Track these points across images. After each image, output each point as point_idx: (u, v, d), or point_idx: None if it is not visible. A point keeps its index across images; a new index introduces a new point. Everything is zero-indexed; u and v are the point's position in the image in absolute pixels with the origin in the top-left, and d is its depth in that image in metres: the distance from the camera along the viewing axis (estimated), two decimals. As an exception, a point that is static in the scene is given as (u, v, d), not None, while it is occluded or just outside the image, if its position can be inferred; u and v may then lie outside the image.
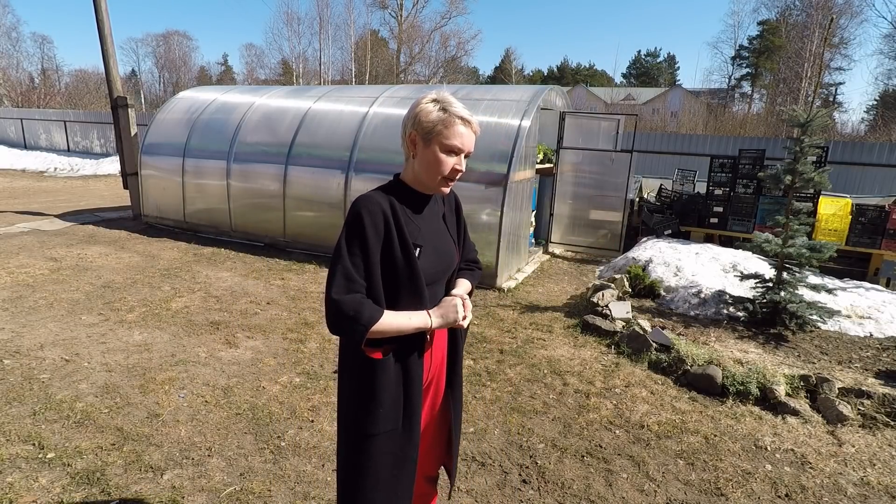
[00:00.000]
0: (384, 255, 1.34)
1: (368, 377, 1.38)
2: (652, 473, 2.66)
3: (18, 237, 7.10)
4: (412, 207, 1.43)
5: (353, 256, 1.31)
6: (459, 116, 1.34)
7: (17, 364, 3.51)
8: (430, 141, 1.35)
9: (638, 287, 5.30)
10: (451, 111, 1.33)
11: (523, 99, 6.15)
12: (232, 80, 51.51)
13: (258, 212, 7.16)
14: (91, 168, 16.12)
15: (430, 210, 1.48)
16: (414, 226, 1.41)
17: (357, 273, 1.31)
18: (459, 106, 1.35)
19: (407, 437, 1.43)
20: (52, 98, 30.72)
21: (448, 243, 1.52)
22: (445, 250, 1.50)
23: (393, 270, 1.35)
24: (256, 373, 3.56)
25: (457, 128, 1.34)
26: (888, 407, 3.20)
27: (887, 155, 10.22)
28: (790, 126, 11.89)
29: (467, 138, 1.36)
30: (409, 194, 1.43)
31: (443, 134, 1.34)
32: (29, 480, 2.40)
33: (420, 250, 1.39)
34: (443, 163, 1.36)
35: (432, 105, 1.34)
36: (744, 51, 43.45)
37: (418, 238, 1.40)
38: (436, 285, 1.48)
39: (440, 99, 1.35)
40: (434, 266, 1.44)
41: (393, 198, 1.39)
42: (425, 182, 1.41)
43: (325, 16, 37.46)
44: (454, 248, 1.55)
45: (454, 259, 1.54)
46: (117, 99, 8.50)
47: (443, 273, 1.50)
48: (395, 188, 1.43)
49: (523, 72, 51.32)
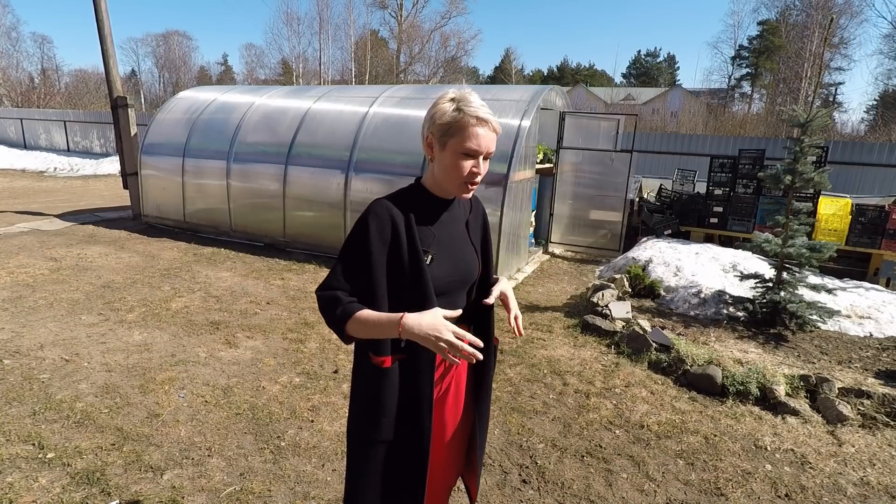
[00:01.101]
0: (391, 261, 1.31)
1: (374, 384, 1.36)
2: (652, 473, 2.66)
3: (18, 237, 7.10)
4: (429, 212, 1.37)
5: (348, 261, 1.31)
6: (475, 116, 1.26)
7: (17, 364, 3.51)
8: (445, 143, 1.29)
9: (638, 287, 5.30)
10: (467, 111, 1.26)
11: (523, 99, 6.16)
12: (232, 80, 51.50)
13: (258, 212, 7.17)
14: (91, 168, 16.12)
15: (450, 216, 1.42)
16: (428, 232, 1.36)
17: (346, 275, 1.30)
18: (477, 104, 1.27)
19: (415, 448, 1.37)
20: (52, 98, 30.70)
21: (468, 251, 1.45)
22: (463, 258, 1.43)
23: (400, 277, 1.31)
24: (256, 373, 3.56)
25: (473, 129, 1.26)
26: (888, 407, 3.20)
27: (887, 155, 10.22)
28: (790, 126, 11.89)
29: (485, 139, 1.28)
30: (427, 199, 1.38)
31: (458, 136, 1.27)
32: (29, 480, 2.40)
33: (432, 257, 1.34)
34: (460, 166, 1.29)
35: (449, 105, 1.28)
36: (744, 51, 43.47)
37: (431, 245, 1.35)
38: (451, 295, 1.41)
39: (457, 97, 1.28)
40: (450, 275, 1.38)
41: (408, 202, 1.35)
42: (444, 186, 1.35)
43: (325, 16, 37.50)
44: (475, 257, 1.47)
45: (474, 268, 1.46)
46: (117, 99, 8.50)
47: (460, 283, 1.43)
48: (414, 192, 1.39)
49: (523, 72, 51.34)
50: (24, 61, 37.74)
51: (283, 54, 41.08)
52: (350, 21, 36.49)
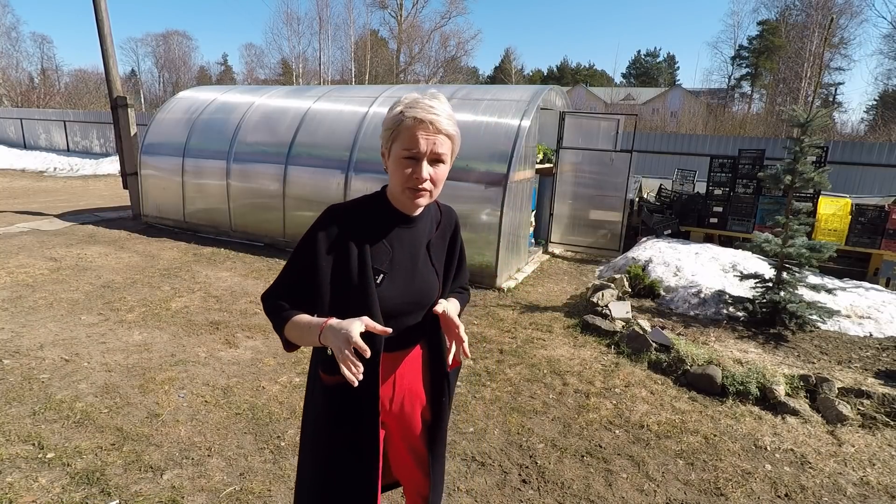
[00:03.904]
0: (337, 273, 1.24)
1: (319, 400, 1.35)
2: (652, 473, 2.66)
3: (18, 237, 7.09)
4: (387, 227, 1.29)
5: (294, 267, 1.29)
6: (414, 117, 1.17)
7: (17, 364, 3.51)
8: (391, 149, 1.23)
9: (638, 287, 5.30)
10: (407, 113, 1.17)
11: (523, 99, 6.15)
12: (232, 80, 51.49)
13: (258, 212, 7.16)
14: (91, 168, 16.11)
15: (411, 233, 1.32)
16: (384, 249, 1.28)
17: (291, 280, 1.29)
18: (423, 106, 1.18)
19: (358, 464, 1.32)
20: (52, 98, 30.67)
21: (426, 273, 1.35)
22: (420, 280, 1.33)
23: (346, 292, 1.24)
24: (256, 373, 3.55)
25: (411, 130, 1.17)
26: (888, 407, 3.20)
27: (887, 155, 10.22)
28: (790, 126, 11.88)
29: (425, 142, 1.18)
30: (388, 211, 1.30)
31: (399, 139, 1.20)
32: (29, 480, 2.40)
33: (384, 277, 1.26)
34: (400, 171, 1.21)
35: (396, 109, 1.21)
36: (743, 51, 43.46)
37: (385, 263, 1.27)
38: (405, 318, 1.33)
39: (407, 102, 1.20)
40: (402, 296, 1.30)
41: (367, 213, 1.29)
42: (395, 195, 1.27)
43: (325, 15, 37.43)
44: (434, 279, 1.37)
45: (431, 291, 1.36)
46: (117, 99, 8.50)
47: (415, 306, 1.34)
48: (375, 202, 1.31)
49: (523, 72, 51.32)
50: (23, 61, 37.76)
51: (283, 54, 41.11)
52: (350, 21, 36.55)
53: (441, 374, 1.44)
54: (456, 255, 1.45)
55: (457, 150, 1.29)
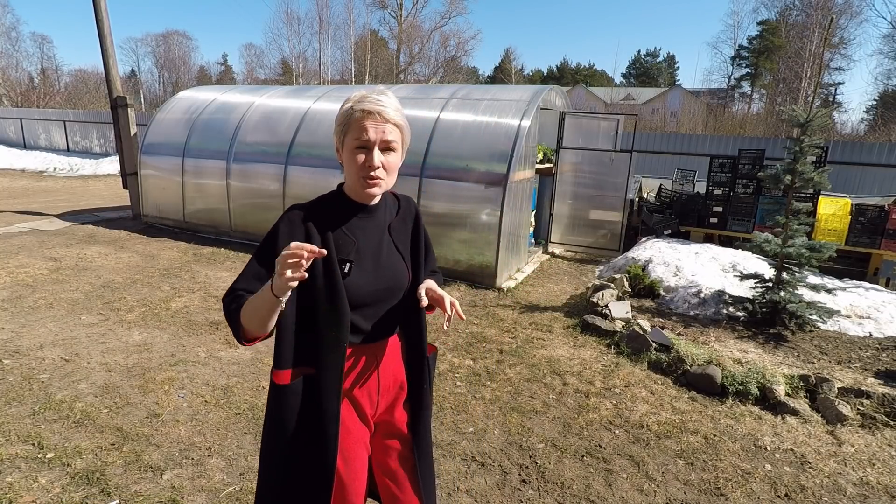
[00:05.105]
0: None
1: (274, 400, 1.33)
2: (651, 473, 2.66)
3: (18, 237, 7.09)
4: (348, 218, 1.34)
5: (254, 264, 1.30)
6: (361, 109, 1.24)
7: (17, 364, 3.51)
8: (343, 143, 1.29)
9: (637, 287, 5.30)
10: (355, 106, 1.25)
11: (523, 99, 6.15)
12: (232, 80, 51.47)
13: (258, 212, 7.16)
14: (90, 168, 16.11)
15: (372, 221, 1.38)
16: (347, 239, 1.32)
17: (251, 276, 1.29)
18: (370, 99, 1.25)
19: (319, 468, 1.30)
20: (52, 98, 30.68)
21: (393, 258, 1.39)
22: (387, 266, 1.37)
23: (313, 283, 1.26)
24: (256, 372, 3.55)
25: (360, 121, 1.24)
26: (888, 407, 3.20)
27: (887, 155, 10.22)
28: (790, 126, 11.89)
29: (374, 130, 1.24)
30: (346, 204, 1.35)
31: (350, 132, 1.27)
32: (28, 480, 2.40)
33: (350, 265, 1.30)
34: (354, 161, 1.27)
35: (346, 104, 1.28)
36: (743, 51, 43.46)
37: (350, 252, 1.31)
38: (378, 306, 1.36)
39: (356, 97, 1.27)
40: (372, 284, 1.33)
41: (326, 208, 1.33)
42: (352, 186, 1.33)
43: (325, 15, 37.46)
44: (402, 263, 1.41)
45: (401, 276, 1.40)
46: (117, 99, 8.50)
47: (386, 292, 1.37)
48: (334, 198, 1.36)
49: (523, 72, 51.31)
50: (23, 61, 37.74)
51: (283, 54, 41.14)
52: (350, 21, 36.55)
53: (420, 358, 1.46)
54: (421, 239, 1.48)
55: (407, 140, 1.34)
